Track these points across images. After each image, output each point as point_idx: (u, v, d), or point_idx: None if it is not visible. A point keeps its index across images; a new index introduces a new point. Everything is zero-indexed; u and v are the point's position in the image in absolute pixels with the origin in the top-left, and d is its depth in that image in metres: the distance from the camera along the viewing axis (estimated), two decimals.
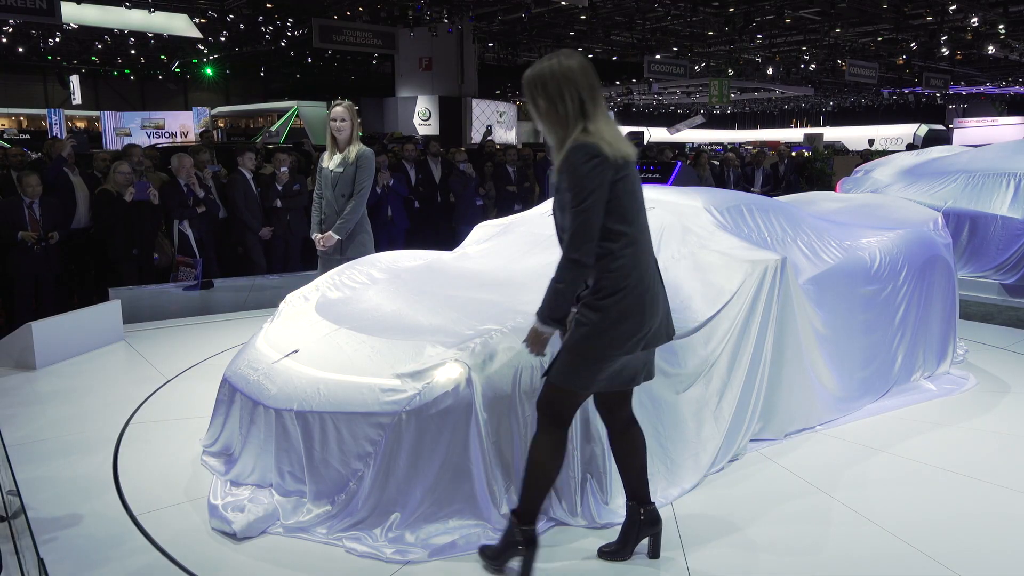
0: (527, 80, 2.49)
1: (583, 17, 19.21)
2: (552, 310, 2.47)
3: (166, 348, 5.68)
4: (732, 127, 48.55)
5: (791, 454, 3.75)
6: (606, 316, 2.45)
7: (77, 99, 28.23)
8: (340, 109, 4.83)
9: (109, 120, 28.39)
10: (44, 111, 28.97)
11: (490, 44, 23.85)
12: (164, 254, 6.82)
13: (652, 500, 2.81)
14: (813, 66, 25.74)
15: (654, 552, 2.80)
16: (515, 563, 2.69)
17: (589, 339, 2.46)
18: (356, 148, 4.87)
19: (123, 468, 3.63)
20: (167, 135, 28.39)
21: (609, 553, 2.82)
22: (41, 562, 2.48)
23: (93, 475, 3.56)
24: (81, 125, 29.31)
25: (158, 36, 21.29)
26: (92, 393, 4.73)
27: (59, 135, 23.35)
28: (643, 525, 2.79)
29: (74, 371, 5.17)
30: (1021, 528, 3.09)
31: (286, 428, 3.12)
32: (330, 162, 4.91)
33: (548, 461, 2.63)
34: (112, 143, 26.27)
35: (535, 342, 2.54)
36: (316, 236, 4.97)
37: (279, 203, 7.39)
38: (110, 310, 5.86)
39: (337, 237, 4.85)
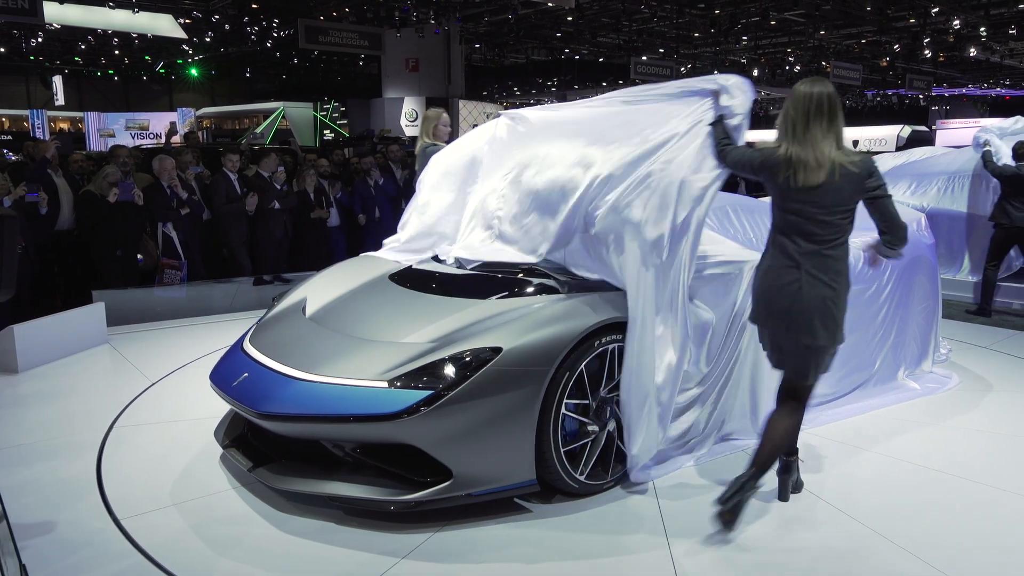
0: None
1: (570, 18, 19.26)
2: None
3: (151, 351, 5.64)
4: None
5: None
6: None
7: (60, 100, 28.01)
8: (447, 115, 5.51)
9: (93, 121, 28.18)
10: (27, 112, 28.72)
11: (477, 45, 23.84)
12: (149, 255, 6.76)
13: (793, 452, 3.27)
14: (798, 68, 25.91)
15: (781, 495, 3.28)
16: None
17: None
18: None
19: (107, 472, 3.60)
20: (152, 136, 28.23)
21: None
22: (23, 568, 2.45)
23: (76, 479, 3.52)
24: (65, 126, 29.06)
25: (142, 36, 21.15)
26: (75, 396, 4.69)
27: (42, 136, 23.15)
28: (780, 471, 3.26)
29: (57, 374, 5.12)
30: (1004, 525, 3.12)
31: None
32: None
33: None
34: (96, 144, 26.09)
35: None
36: None
37: (277, 204, 7.23)
38: (94, 312, 5.81)
39: None
